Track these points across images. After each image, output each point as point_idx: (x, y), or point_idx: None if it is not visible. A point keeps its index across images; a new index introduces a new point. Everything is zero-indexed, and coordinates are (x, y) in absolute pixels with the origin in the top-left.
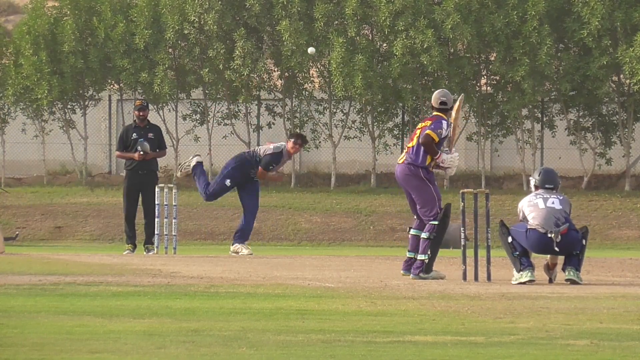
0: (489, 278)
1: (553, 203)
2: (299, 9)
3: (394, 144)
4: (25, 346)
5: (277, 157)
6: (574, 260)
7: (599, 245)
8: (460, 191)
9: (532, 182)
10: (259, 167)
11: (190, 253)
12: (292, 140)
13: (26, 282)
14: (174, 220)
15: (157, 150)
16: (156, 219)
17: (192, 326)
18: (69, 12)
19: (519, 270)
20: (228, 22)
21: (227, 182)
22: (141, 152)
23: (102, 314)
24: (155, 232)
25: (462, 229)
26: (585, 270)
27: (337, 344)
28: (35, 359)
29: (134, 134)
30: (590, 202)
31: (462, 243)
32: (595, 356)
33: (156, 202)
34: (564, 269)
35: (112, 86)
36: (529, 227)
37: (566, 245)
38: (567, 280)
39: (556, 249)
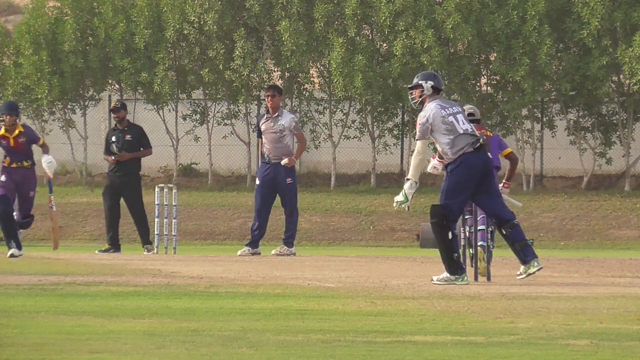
0: (488, 278)
1: (464, 122)
2: (299, 9)
3: (394, 144)
4: (25, 346)
5: (259, 118)
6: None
7: (599, 245)
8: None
9: (429, 85)
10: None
11: (190, 253)
12: None
13: (26, 282)
14: (173, 220)
15: (142, 150)
16: (156, 219)
17: (192, 326)
18: (69, 11)
19: (453, 274)
20: (228, 22)
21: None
22: (114, 155)
23: (102, 314)
24: (155, 232)
25: (462, 229)
26: (585, 270)
27: (337, 344)
28: (35, 359)
29: (113, 136)
30: (590, 202)
31: (462, 243)
32: (595, 356)
33: (156, 202)
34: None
35: (112, 86)
36: (456, 156)
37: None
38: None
39: (490, 154)
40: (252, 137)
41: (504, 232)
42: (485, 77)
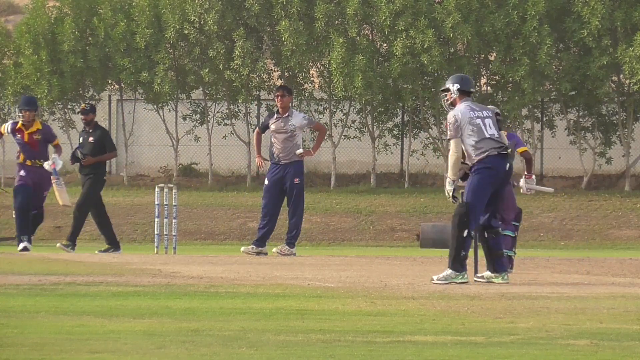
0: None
1: (491, 127)
2: (299, 9)
3: (394, 144)
4: (25, 346)
5: (268, 117)
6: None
7: (598, 245)
8: (461, 191)
9: (455, 88)
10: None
11: (190, 253)
12: None
13: (26, 282)
14: (173, 220)
15: (106, 153)
16: (156, 219)
17: (191, 326)
18: (69, 11)
19: (455, 270)
20: (228, 21)
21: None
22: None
23: (102, 314)
24: (155, 232)
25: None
26: (585, 270)
27: (336, 344)
28: (35, 359)
29: (81, 138)
30: (590, 202)
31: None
32: (595, 356)
33: (156, 202)
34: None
35: (112, 86)
36: (480, 158)
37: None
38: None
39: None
40: (251, 137)
41: (486, 236)
42: (485, 77)
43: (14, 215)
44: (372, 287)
